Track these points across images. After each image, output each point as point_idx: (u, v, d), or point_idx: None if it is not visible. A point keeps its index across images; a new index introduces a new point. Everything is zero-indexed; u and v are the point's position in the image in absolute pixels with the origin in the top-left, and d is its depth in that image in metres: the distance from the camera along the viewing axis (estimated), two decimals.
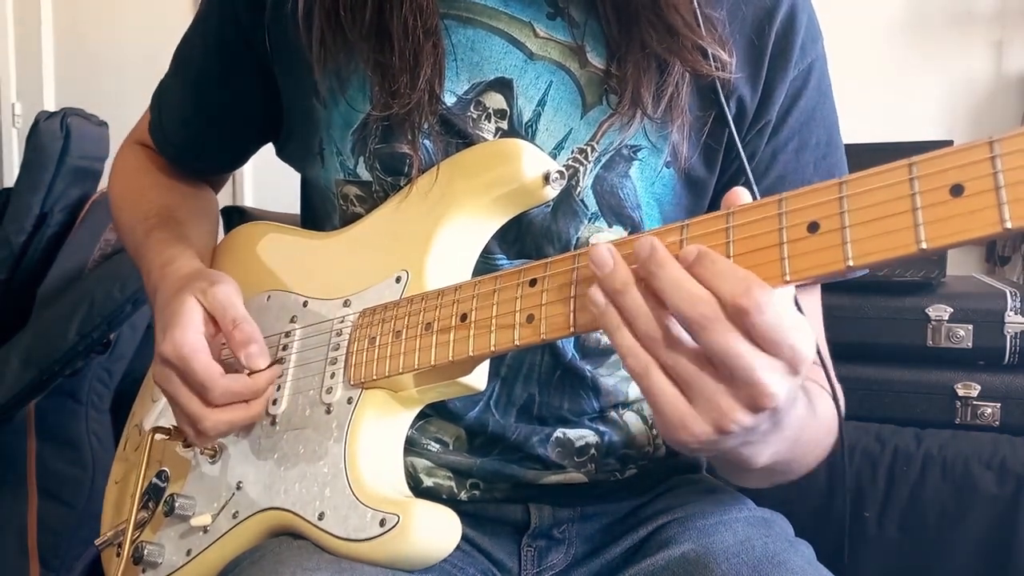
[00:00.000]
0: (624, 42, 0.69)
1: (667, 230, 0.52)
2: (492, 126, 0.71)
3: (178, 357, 0.67)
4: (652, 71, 0.69)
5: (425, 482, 0.74)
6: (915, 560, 1.22)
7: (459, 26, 0.70)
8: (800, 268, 0.47)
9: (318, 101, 0.74)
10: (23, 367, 1.40)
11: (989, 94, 1.87)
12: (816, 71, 0.74)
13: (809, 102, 0.73)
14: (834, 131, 0.76)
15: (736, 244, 0.49)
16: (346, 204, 0.74)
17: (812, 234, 0.47)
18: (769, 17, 0.71)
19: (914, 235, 0.43)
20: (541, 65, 0.70)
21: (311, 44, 0.71)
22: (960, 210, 0.42)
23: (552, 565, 0.76)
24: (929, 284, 1.34)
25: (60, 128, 1.53)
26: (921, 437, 1.25)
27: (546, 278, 0.57)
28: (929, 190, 0.43)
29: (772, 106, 0.72)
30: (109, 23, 2.60)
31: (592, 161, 0.70)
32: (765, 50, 0.71)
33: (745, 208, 0.50)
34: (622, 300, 0.50)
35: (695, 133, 0.71)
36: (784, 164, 0.73)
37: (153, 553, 0.73)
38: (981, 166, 0.41)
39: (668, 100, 0.69)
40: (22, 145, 2.22)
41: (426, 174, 0.70)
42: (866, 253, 0.45)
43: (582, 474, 0.76)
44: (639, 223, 0.72)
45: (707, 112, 0.71)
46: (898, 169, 0.44)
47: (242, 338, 0.68)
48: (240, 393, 0.68)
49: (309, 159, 0.76)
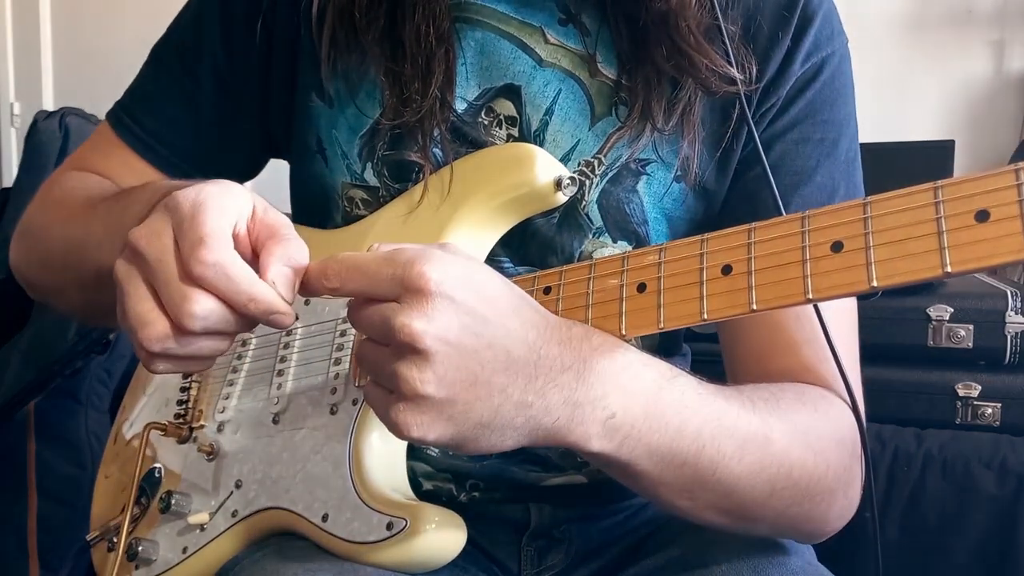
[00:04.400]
0: (634, 55, 0.68)
1: (687, 243, 0.53)
2: (503, 133, 0.70)
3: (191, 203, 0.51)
4: (664, 84, 0.67)
5: (425, 485, 0.73)
6: (915, 560, 1.22)
7: (469, 29, 0.70)
8: (823, 287, 0.47)
9: (320, 99, 0.73)
10: (23, 367, 1.40)
11: (989, 94, 1.87)
12: (829, 70, 0.71)
13: (817, 96, 0.71)
14: (843, 135, 0.72)
15: (757, 260, 0.50)
16: (350, 207, 0.74)
17: (835, 253, 0.47)
18: (791, 6, 0.69)
19: (939, 258, 0.44)
20: (550, 72, 0.69)
21: (321, 43, 0.70)
22: (985, 235, 0.43)
23: (552, 565, 0.76)
24: (929, 284, 1.34)
25: (59, 128, 1.53)
26: (921, 437, 1.25)
27: (561, 286, 0.57)
28: (954, 215, 0.44)
29: (777, 91, 0.70)
30: (108, 23, 2.60)
31: (599, 175, 0.69)
32: (786, 37, 0.69)
33: (767, 225, 0.50)
34: None
35: (709, 148, 0.70)
36: (781, 152, 0.71)
37: (148, 550, 0.73)
38: (1007, 193, 0.42)
39: (680, 115, 0.68)
40: (21, 145, 2.22)
41: (437, 174, 0.70)
42: (891, 274, 0.45)
43: (583, 475, 0.75)
44: (645, 238, 0.71)
45: (725, 125, 0.69)
46: (923, 192, 0.45)
47: (292, 253, 0.53)
48: (239, 289, 0.50)
49: (307, 156, 0.75)
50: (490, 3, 0.70)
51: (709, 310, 0.51)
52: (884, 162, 1.56)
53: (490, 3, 0.70)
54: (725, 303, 0.51)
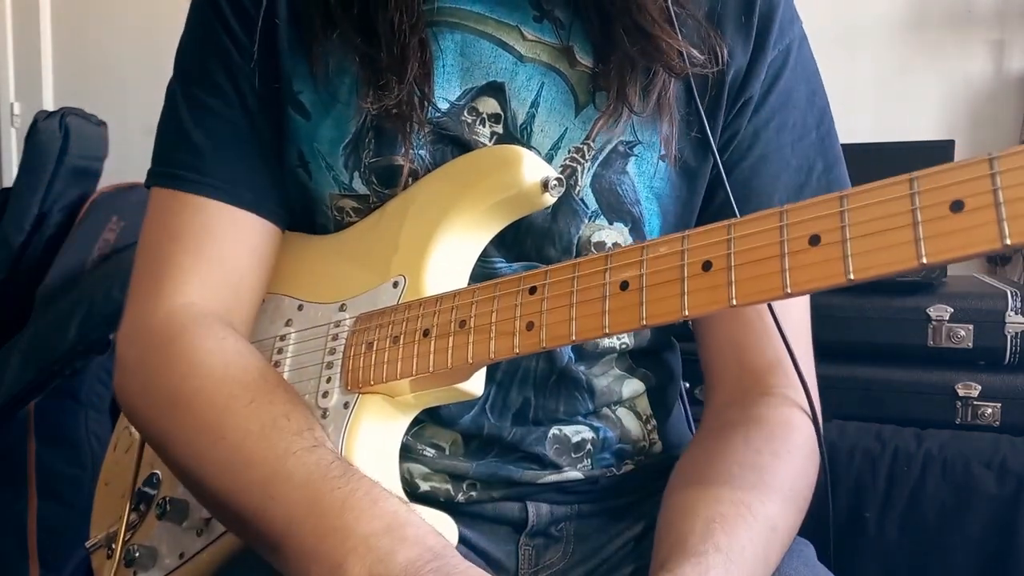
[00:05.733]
0: (606, 43, 0.69)
1: (668, 240, 0.53)
2: (487, 131, 0.70)
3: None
4: (638, 70, 0.69)
5: (422, 487, 0.74)
6: (915, 560, 1.22)
7: (448, 31, 0.70)
8: (801, 280, 0.47)
9: (297, 111, 0.72)
10: (23, 367, 1.40)
11: (989, 94, 1.87)
12: (794, 53, 0.74)
13: (787, 83, 0.73)
14: (811, 114, 0.75)
15: (737, 255, 0.50)
16: (341, 216, 0.74)
17: (813, 247, 0.47)
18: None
19: (915, 250, 0.44)
20: (531, 67, 0.70)
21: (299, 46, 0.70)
22: (960, 226, 0.43)
23: (550, 564, 0.76)
24: (930, 284, 1.34)
25: (59, 128, 1.53)
26: (921, 437, 1.25)
27: (546, 286, 0.58)
28: (929, 205, 0.44)
29: (754, 82, 0.72)
30: (108, 23, 2.60)
31: (589, 159, 0.70)
32: (752, 28, 0.71)
33: (746, 220, 0.50)
34: None
35: (685, 127, 0.72)
36: (766, 143, 0.73)
37: (145, 555, 0.73)
38: (981, 183, 0.42)
39: (656, 98, 0.69)
40: (21, 145, 2.23)
41: (424, 179, 0.70)
42: (867, 267, 0.45)
43: (578, 471, 0.76)
44: (639, 218, 0.72)
45: (692, 106, 0.71)
46: (899, 184, 0.45)
47: None
48: None
49: (287, 170, 0.73)
50: (465, 5, 0.71)
51: (690, 306, 0.52)
52: (884, 162, 1.56)
53: (465, 5, 0.71)
54: (705, 299, 0.51)
